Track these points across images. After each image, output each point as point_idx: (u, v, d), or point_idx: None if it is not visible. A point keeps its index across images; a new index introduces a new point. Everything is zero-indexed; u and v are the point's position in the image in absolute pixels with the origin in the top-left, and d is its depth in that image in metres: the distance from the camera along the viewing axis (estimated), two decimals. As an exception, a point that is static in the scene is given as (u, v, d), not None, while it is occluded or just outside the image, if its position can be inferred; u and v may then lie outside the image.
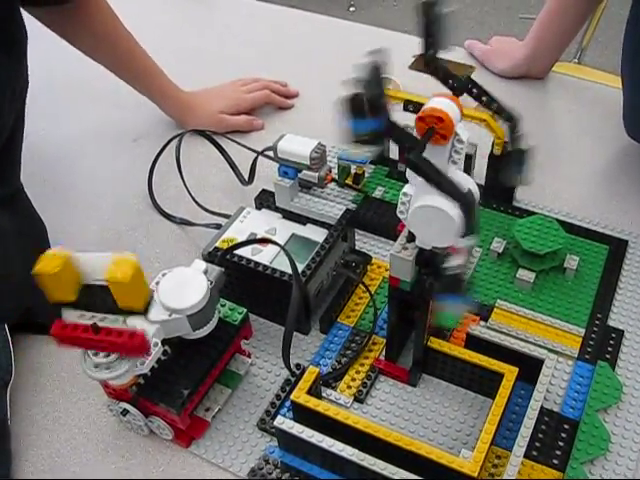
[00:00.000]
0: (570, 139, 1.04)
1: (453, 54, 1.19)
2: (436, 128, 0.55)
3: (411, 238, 0.62)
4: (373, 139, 0.54)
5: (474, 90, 0.77)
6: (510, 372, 0.68)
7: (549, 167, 0.97)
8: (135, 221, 0.93)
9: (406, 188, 0.59)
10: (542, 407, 0.67)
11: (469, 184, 0.59)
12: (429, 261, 0.63)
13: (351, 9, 2.83)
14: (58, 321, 0.57)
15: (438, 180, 0.54)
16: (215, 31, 1.32)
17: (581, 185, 0.96)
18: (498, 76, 1.14)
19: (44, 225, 0.84)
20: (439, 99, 0.55)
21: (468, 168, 0.87)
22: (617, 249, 0.86)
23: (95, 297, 0.57)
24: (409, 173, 0.58)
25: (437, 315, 0.65)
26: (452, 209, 0.56)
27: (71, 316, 0.58)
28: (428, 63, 0.71)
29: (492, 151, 0.86)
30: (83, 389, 0.75)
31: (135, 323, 0.61)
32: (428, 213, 0.57)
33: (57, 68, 1.23)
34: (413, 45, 0.72)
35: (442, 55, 0.73)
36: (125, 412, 0.67)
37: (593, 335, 0.77)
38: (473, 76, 0.81)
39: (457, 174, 0.59)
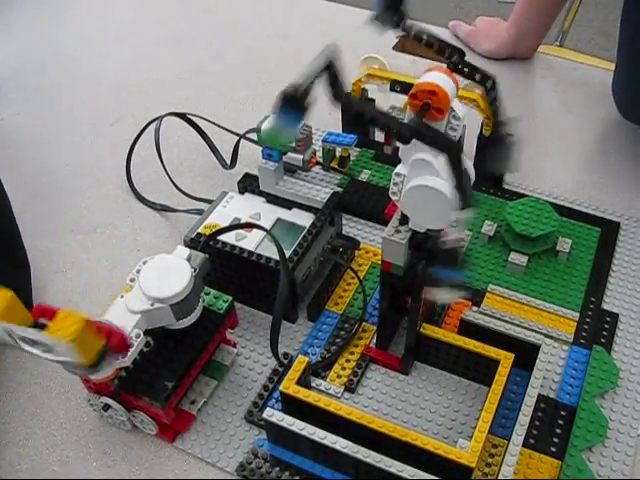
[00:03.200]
0: (557, 120, 1.02)
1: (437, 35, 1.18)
2: (431, 103, 0.52)
3: (404, 220, 0.59)
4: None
5: (465, 69, 0.74)
6: (506, 358, 0.66)
7: (537, 149, 0.95)
8: (113, 208, 0.90)
9: (399, 168, 0.56)
10: (538, 394, 0.65)
11: (465, 165, 0.56)
12: (422, 244, 0.60)
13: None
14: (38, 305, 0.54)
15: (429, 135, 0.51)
16: (193, 17, 1.28)
17: (570, 167, 0.94)
18: (483, 57, 1.11)
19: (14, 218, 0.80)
20: (432, 73, 0.53)
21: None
22: (609, 231, 0.84)
23: None
24: (402, 152, 0.56)
25: (431, 290, 0.63)
26: (448, 189, 0.53)
27: None
28: (418, 39, 0.68)
29: (481, 131, 0.84)
30: (62, 383, 0.72)
31: (116, 312, 0.58)
32: (423, 194, 0.54)
33: (28, 52, 1.19)
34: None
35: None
36: (107, 407, 0.64)
37: (588, 319, 0.75)
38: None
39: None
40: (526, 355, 0.67)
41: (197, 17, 1.27)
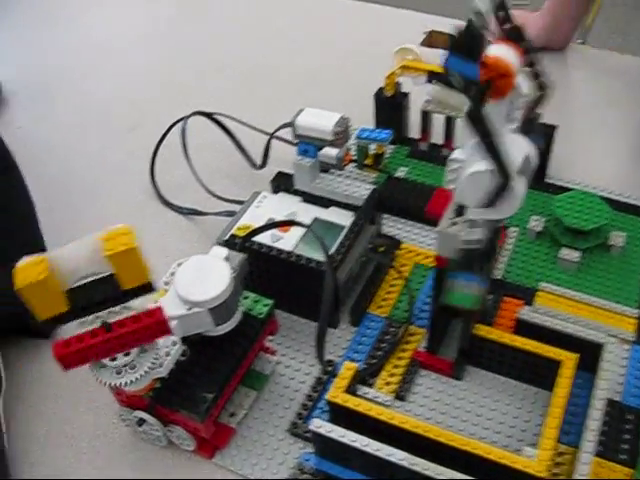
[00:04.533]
0: (598, 111, 0.97)
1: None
2: (495, 80, 0.47)
3: (460, 212, 0.55)
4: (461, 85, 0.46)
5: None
6: (569, 359, 0.61)
7: (578, 141, 0.91)
8: (138, 214, 0.86)
9: (456, 153, 0.52)
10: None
11: (527, 149, 0.52)
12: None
13: None
14: (58, 342, 0.50)
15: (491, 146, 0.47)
16: (213, 16, 1.25)
17: (615, 158, 0.90)
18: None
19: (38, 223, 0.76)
20: (502, 48, 0.48)
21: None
22: (663, 223, 0.79)
23: (89, 295, 0.50)
24: (463, 134, 0.51)
25: (449, 294, 0.57)
26: (513, 174, 0.49)
27: (69, 330, 0.50)
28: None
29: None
30: (89, 397, 0.68)
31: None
32: (484, 180, 0.50)
33: (43, 60, 1.17)
34: (419, 21, 0.65)
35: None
36: (141, 422, 0.59)
37: (648, 316, 0.70)
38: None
39: (515, 138, 0.52)
40: (587, 355, 0.62)
41: (215, 17, 1.24)
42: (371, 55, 0.57)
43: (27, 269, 0.48)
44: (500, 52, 0.47)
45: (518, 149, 0.51)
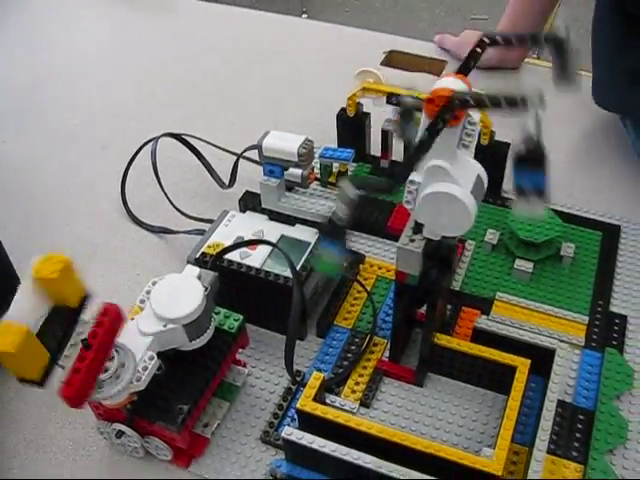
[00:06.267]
0: (549, 127, 1.02)
1: (421, 50, 1.19)
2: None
3: (417, 229, 0.59)
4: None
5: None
6: (523, 365, 0.65)
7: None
8: (109, 232, 0.88)
9: (413, 176, 0.56)
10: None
11: (478, 171, 0.56)
12: (437, 252, 0.60)
13: (304, 16, 2.81)
14: (61, 388, 0.52)
15: (489, 98, 0.50)
16: (180, 37, 1.27)
17: (566, 173, 0.94)
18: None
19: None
20: (448, 78, 0.52)
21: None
22: (610, 235, 0.84)
23: (53, 332, 0.52)
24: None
25: (317, 262, 0.62)
26: (465, 195, 0.53)
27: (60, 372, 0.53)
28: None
29: (479, 141, 0.84)
30: (67, 413, 0.70)
31: (128, 336, 0.57)
32: (438, 201, 0.54)
33: (13, 77, 1.18)
34: (380, 42, 0.69)
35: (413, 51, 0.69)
36: (120, 434, 0.62)
37: (597, 322, 0.75)
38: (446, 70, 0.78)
39: (467, 161, 0.56)
40: (540, 361, 0.66)
41: (185, 38, 1.27)
42: (334, 76, 0.61)
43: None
44: (444, 83, 0.51)
45: (471, 171, 0.55)
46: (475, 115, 0.53)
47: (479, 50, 0.56)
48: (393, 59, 1.16)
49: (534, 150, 0.50)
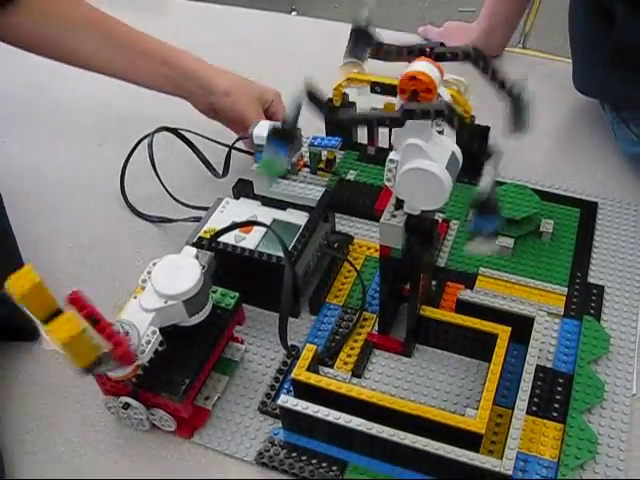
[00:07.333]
0: (531, 112, 1.06)
1: (408, 42, 1.22)
2: (418, 90, 0.56)
3: (399, 205, 0.63)
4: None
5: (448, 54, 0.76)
6: (503, 332, 0.69)
7: (511, 140, 0.99)
8: (110, 224, 0.92)
9: (392, 155, 0.60)
10: (536, 364, 0.68)
11: (452, 148, 0.60)
12: (418, 227, 0.64)
13: (293, 13, 2.85)
14: (116, 348, 0.57)
15: (434, 109, 0.55)
16: (171, 35, 1.31)
17: (542, 153, 0.99)
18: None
19: (14, 238, 0.82)
20: (418, 62, 0.57)
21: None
22: (588, 211, 0.88)
23: None
24: (394, 139, 0.59)
25: (262, 161, 0.66)
26: (439, 170, 0.57)
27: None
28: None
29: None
30: (75, 392, 0.74)
31: (131, 312, 0.61)
32: (416, 176, 0.58)
33: (8, 76, 1.21)
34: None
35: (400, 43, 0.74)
36: (126, 406, 0.66)
37: (575, 293, 0.79)
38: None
39: (441, 138, 0.60)
40: (521, 329, 0.70)
41: (176, 36, 1.30)
42: (321, 68, 0.66)
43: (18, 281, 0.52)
44: (421, 67, 0.55)
45: (444, 148, 0.59)
46: (445, 95, 0.57)
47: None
48: (381, 52, 1.19)
49: (491, 202, 0.59)
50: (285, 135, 0.61)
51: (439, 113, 0.54)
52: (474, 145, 0.86)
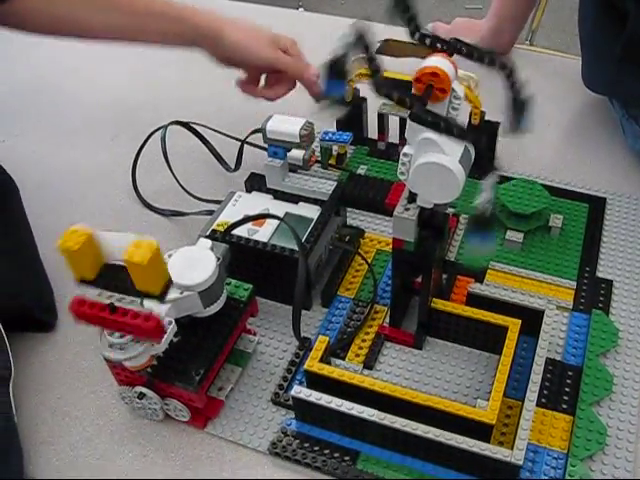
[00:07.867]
0: (537, 108, 1.06)
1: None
2: (433, 84, 0.56)
3: (412, 199, 0.64)
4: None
5: (463, 48, 0.77)
6: (514, 324, 0.70)
7: (520, 135, 1.00)
8: (122, 218, 0.93)
9: (406, 149, 0.61)
10: (546, 357, 0.69)
11: (465, 143, 0.61)
12: (430, 220, 0.65)
13: (300, 9, 2.85)
14: (77, 298, 0.57)
15: (445, 124, 0.55)
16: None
17: (551, 149, 1.00)
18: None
19: (30, 227, 0.83)
20: (433, 58, 0.57)
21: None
22: (597, 206, 0.89)
23: (114, 277, 0.57)
24: (408, 133, 0.60)
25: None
26: (453, 164, 0.58)
27: (90, 294, 0.58)
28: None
29: (470, 121, 0.89)
30: (90, 383, 0.75)
31: (150, 304, 0.61)
32: (429, 170, 0.59)
33: (21, 73, 1.22)
34: (377, 31, 0.74)
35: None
36: (141, 395, 0.67)
37: (584, 287, 0.79)
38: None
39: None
40: (531, 322, 0.71)
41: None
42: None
43: (70, 236, 0.55)
44: (430, 62, 0.56)
45: (458, 142, 0.60)
46: (459, 90, 0.58)
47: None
48: (389, 48, 1.20)
49: (489, 218, 0.60)
50: (337, 69, 0.60)
51: (449, 130, 0.56)
52: (483, 140, 0.87)
